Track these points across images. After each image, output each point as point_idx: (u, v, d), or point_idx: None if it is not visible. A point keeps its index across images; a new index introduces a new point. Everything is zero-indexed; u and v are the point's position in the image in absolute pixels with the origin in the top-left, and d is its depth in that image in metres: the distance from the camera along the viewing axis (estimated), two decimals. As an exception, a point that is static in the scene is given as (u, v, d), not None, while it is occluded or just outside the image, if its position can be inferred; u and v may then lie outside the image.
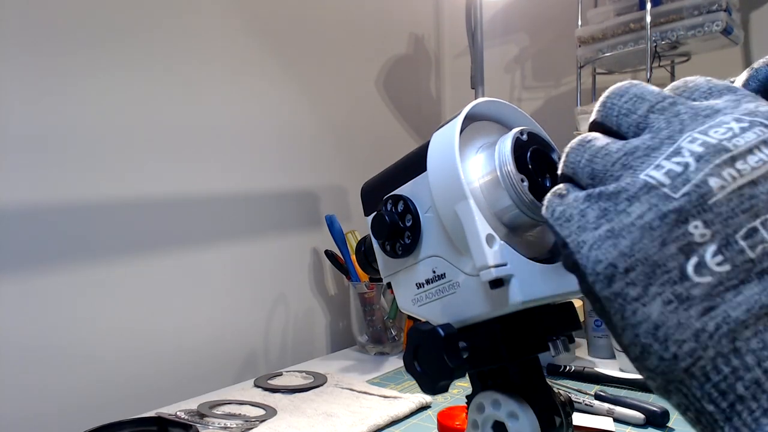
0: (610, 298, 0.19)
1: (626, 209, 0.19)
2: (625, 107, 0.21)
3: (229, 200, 0.84)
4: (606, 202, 0.19)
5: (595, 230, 0.19)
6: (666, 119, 0.20)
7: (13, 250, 0.62)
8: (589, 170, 0.21)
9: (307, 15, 0.97)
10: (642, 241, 0.18)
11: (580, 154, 0.21)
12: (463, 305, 0.28)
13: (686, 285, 0.17)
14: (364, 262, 0.37)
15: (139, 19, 0.73)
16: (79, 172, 0.68)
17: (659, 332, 0.18)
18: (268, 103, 0.91)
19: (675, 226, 0.17)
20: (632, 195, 0.19)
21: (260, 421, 0.61)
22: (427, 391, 0.28)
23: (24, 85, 0.63)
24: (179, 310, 0.78)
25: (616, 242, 0.18)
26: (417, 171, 0.30)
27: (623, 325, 0.18)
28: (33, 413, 0.63)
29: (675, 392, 0.18)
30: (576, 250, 0.20)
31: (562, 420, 0.29)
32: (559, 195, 0.21)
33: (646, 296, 0.18)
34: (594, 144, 0.21)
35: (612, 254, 0.18)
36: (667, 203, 0.18)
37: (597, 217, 0.19)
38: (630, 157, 0.20)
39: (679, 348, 0.17)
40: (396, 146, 1.16)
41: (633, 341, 0.18)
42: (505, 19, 1.18)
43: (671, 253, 0.17)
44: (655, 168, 0.18)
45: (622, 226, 0.18)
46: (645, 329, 0.18)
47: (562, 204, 0.21)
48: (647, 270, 0.18)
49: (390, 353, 0.91)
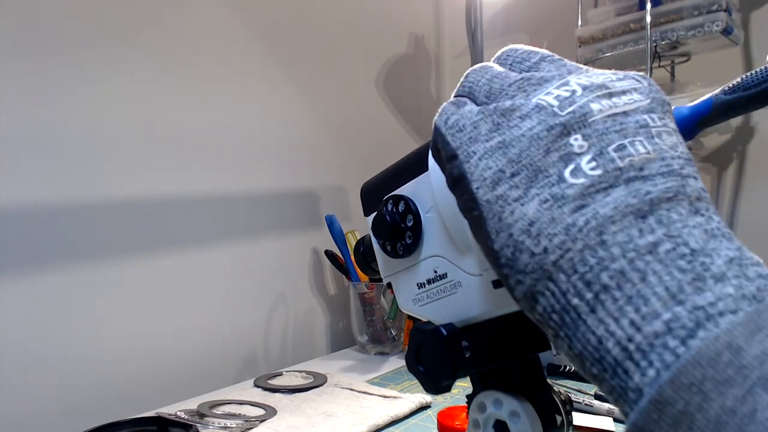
0: (492, 201, 0.20)
1: (518, 124, 0.20)
2: (520, 57, 0.24)
3: (229, 200, 0.84)
4: (500, 118, 0.21)
5: (487, 142, 0.21)
6: (556, 66, 0.22)
7: (13, 250, 0.62)
8: (487, 88, 0.23)
9: (307, 15, 0.97)
10: (529, 149, 0.20)
11: (480, 75, 0.23)
12: (465, 305, 0.28)
13: (562, 186, 0.19)
14: (363, 262, 0.37)
15: (139, 20, 0.73)
16: (79, 173, 0.68)
17: (533, 227, 0.19)
18: (267, 103, 0.91)
19: (559, 137, 0.19)
20: (525, 114, 0.20)
21: (260, 421, 0.61)
22: (430, 391, 0.28)
23: (24, 86, 0.63)
24: (179, 309, 0.78)
25: (506, 151, 0.20)
26: (418, 171, 0.30)
27: (499, 227, 0.20)
28: (33, 413, 0.63)
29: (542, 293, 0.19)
30: (465, 160, 0.21)
31: (563, 418, 0.29)
32: (456, 104, 0.23)
33: (526, 197, 0.19)
34: (495, 69, 0.23)
35: (501, 161, 0.20)
36: (554, 118, 0.20)
37: (489, 130, 0.21)
38: (526, 82, 0.22)
39: (549, 241, 0.18)
40: (396, 146, 1.16)
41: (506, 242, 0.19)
42: (505, 19, 1.18)
43: (553, 160, 0.19)
44: (546, 94, 0.21)
45: (513, 137, 0.20)
46: (520, 227, 0.19)
47: (456, 113, 0.22)
48: (530, 174, 0.19)
49: (390, 353, 0.91)
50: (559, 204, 0.19)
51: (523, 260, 0.19)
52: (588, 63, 0.91)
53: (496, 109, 0.21)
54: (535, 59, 0.23)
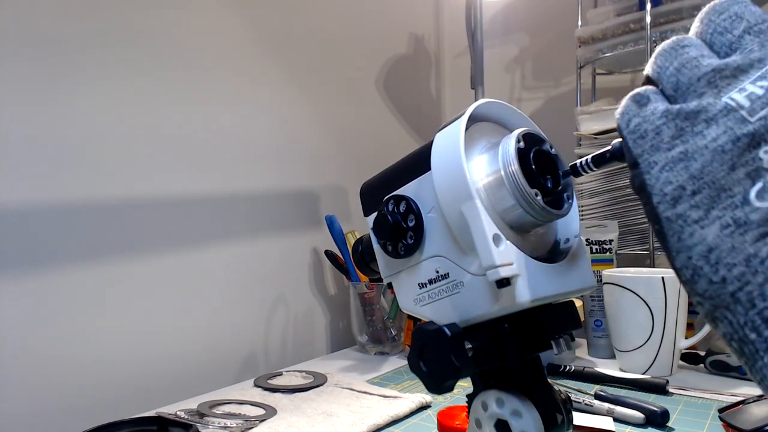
0: (672, 219, 0.19)
1: (703, 131, 0.19)
2: (722, 25, 0.21)
3: (229, 200, 0.84)
4: (684, 122, 0.19)
5: (669, 151, 0.19)
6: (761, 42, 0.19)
7: (13, 250, 0.62)
8: (675, 80, 0.21)
9: (308, 16, 0.97)
10: (712, 164, 0.18)
11: (669, 60, 0.21)
12: (467, 305, 0.28)
13: (746, 210, 0.17)
14: (362, 262, 0.37)
15: (142, 22, 0.73)
16: (79, 173, 0.68)
17: (712, 255, 0.18)
18: (267, 103, 0.91)
19: (746, 150, 0.18)
20: (711, 117, 0.19)
21: (260, 421, 0.61)
22: (433, 391, 0.28)
23: (25, 86, 0.63)
24: (179, 309, 0.78)
25: (688, 165, 0.19)
26: (419, 171, 0.30)
27: (679, 247, 0.19)
28: (32, 413, 0.63)
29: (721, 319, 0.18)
30: (646, 171, 0.20)
31: (564, 417, 0.30)
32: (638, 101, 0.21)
33: (707, 219, 0.18)
34: (686, 52, 0.21)
35: (683, 176, 0.19)
36: (742, 126, 0.18)
37: (672, 137, 0.19)
38: (717, 74, 0.19)
39: (728, 271, 0.17)
40: (396, 146, 1.16)
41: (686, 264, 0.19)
42: (505, 19, 1.18)
43: (738, 177, 0.18)
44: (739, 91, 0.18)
45: (696, 149, 0.19)
46: (699, 251, 0.18)
47: (638, 116, 0.21)
48: (713, 194, 0.18)
49: (390, 353, 0.91)
50: (741, 231, 0.17)
51: (702, 286, 0.18)
52: (588, 63, 0.91)
53: (680, 112, 0.20)
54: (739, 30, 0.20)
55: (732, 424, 0.48)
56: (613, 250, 0.86)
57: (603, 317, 0.81)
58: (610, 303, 0.75)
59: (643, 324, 0.71)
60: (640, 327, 0.71)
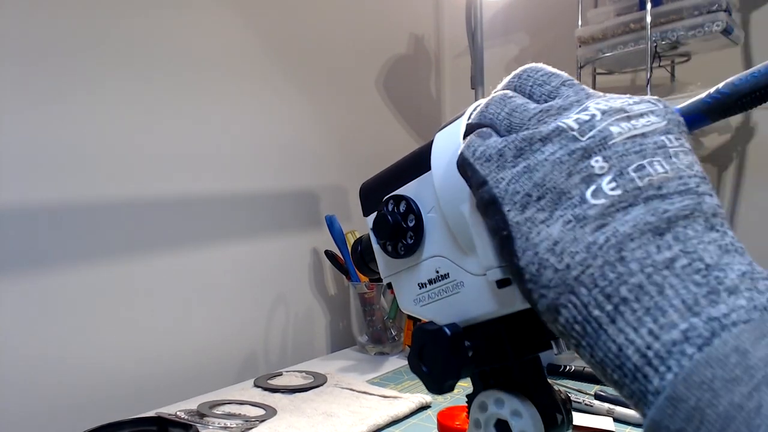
0: (521, 223, 0.21)
1: (540, 148, 0.21)
2: (541, 79, 0.24)
3: (229, 200, 0.84)
4: (522, 143, 0.22)
5: (513, 168, 0.22)
6: (575, 91, 0.23)
7: (13, 249, 0.62)
8: (508, 122, 0.23)
9: (307, 15, 0.97)
10: (552, 173, 0.21)
11: (500, 107, 0.24)
12: (467, 305, 0.28)
13: (584, 207, 0.20)
14: (361, 262, 0.36)
15: (143, 26, 0.73)
16: (79, 172, 0.68)
17: (557, 247, 0.20)
18: (267, 103, 0.90)
19: (580, 160, 0.20)
20: (545, 136, 0.21)
21: (260, 421, 0.61)
22: (433, 391, 0.28)
23: (25, 86, 0.63)
24: (179, 309, 0.77)
25: (531, 175, 0.21)
26: (419, 171, 0.30)
27: (526, 246, 0.21)
28: (33, 413, 0.63)
29: (564, 305, 0.20)
30: (495, 186, 0.22)
31: (564, 417, 0.30)
32: (481, 136, 0.24)
33: (551, 219, 0.20)
34: (514, 101, 0.24)
35: (528, 185, 0.21)
36: (575, 143, 0.21)
37: (514, 156, 0.22)
38: (545, 114, 0.22)
39: (572, 258, 0.20)
40: (396, 146, 1.16)
41: (531, 260, 0.21)
42: (505, 19, 1.18)
43: (575, 182, 0.20)
44: (567, 118, 0.21)
45: (537, 162, 0.21)
46: (545, 246, 0.20)
47: (483, 145, 0.23)
48: (555, 197, 0.21)
49: (390, 353, 0.91)
50: (582, 224, 0.20)
51: (547, 276, 0.20)
52: (588, 63, 0.91)
53: (517, 137, 0.22)
54: (555, 83, 0.24)
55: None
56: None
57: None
58: (610, 303, 0.75)
59: (643, 324, 0.70)
60: (640, 327, 0.71)
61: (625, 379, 0.18)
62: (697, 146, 0.85)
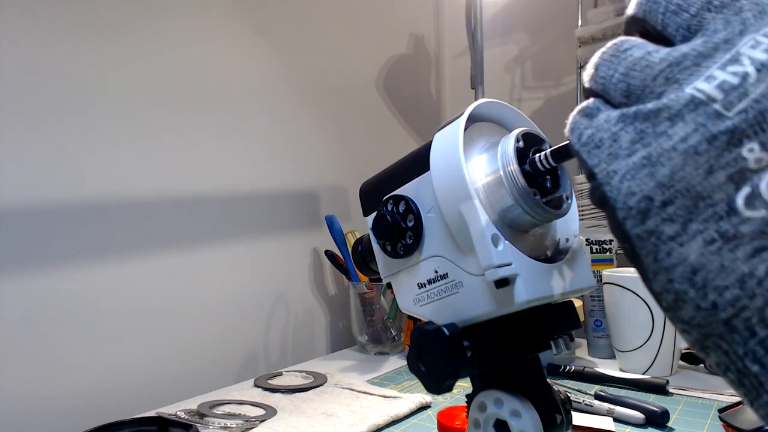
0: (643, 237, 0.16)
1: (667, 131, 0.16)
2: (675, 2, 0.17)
3: (229, 200, 0.84)
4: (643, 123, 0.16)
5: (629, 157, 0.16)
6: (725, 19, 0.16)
7: (13, 250, 0.62)
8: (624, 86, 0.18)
9: (308, 14, 0.97)
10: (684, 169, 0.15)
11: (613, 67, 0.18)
12: (466, 305, 0.28)
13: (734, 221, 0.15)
14: (361, 262, 0.37)
15: (142, 25, 0.73)
16: (79, 172, 0.68)
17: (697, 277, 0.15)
18: (267, 103, 0.91)
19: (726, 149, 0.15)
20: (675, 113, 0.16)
21: (260, 421, 0.61)
22: (432, 391, 0.28)
23: (25, 86, 0.63)
24: (179, 309, 0.78)
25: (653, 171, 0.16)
26: (419, 171, 0.30)
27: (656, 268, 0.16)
28: (33, 413, 0.63)
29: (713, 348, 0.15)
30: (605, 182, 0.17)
31: (563, 417, 0.30)
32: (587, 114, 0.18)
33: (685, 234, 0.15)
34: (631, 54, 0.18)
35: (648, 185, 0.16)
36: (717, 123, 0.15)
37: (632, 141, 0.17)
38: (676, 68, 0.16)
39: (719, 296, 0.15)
40: (396, 146, 1.16)
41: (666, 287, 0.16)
42: (505, 19, 1.18)
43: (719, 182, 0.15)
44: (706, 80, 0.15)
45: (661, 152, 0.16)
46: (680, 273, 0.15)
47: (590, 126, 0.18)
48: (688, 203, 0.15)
49: (390, 353, 0.91)
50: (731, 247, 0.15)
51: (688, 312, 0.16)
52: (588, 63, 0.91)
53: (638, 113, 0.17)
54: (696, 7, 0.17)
55: (732, 424, 0.48)
56: (613, 250, 0.85)
57: (603, 317, 0.81)
58: (610, 303, 0.75)
59: (643, 324, 0.71)
60: (640, 327, 0.71)
61: None
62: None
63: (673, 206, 0.15)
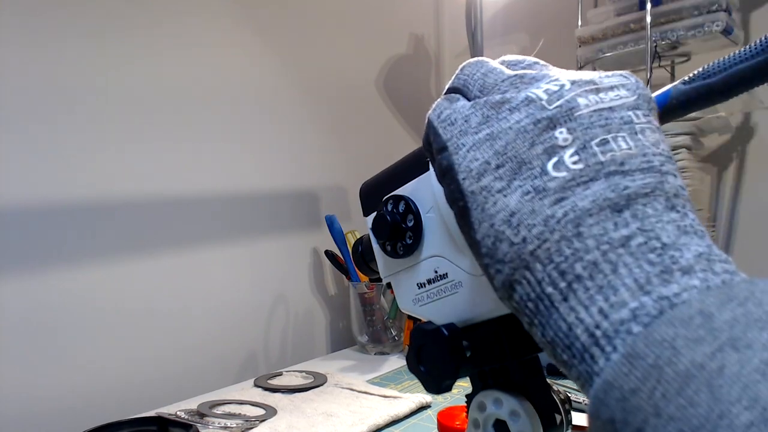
0: (476, 192, 0.21)
1: (507, 116, 0.21)
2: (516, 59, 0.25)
3: (229, 200, 0.84)
4: (490, 110, 0.21)
5: (476, 134, 0.21)
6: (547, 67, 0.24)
7: (13, 248, 0.62)
8: (481, 83, 0.23)
9: (308, 14, 0.97)
10: (515, 142, 0.20)
11: (476, 69, 0.24)
12: (466, 305, 0.28)
13: (544, 179, 0.19)
14: (361, 262, 0.37)
15: (141, 20, 0.73)
16: (79, 172, 0.68)
17: (513, 218, 0.19)
18: (267, 102, 0.91)
19: (545, 131, 0.20)
20: (514, 106, 0.21)
21: (260, 421, 0.61)
22: (432, 391, 0.28)
23: (25, 85, 0.63)
24: (179, 309, 0.78)
25: (493, 143, 0.21)
26: (419, 171, 0.30)
27: (482, 217, 0.20)
28: (33, 413, 0.63)
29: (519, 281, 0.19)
30: (454, 152, 0.22)
31: (563, 418, 0.30)
32: (450, 100, 0.23)
33: (509, 189, 0.20)
34: (490, 64, 0.24)
35: (488, 153, 0.21)
36: (541, 112, 0.20)
37: (479, 123, 0.21)
38: (518, 79, 0.22)
39: (528, 232, 0.19)
40: (396, 146, 1.16)
41: (487, 232, 0.20)
42: (505, 19, 1.18)
43: (537, 153, 0.20)
44: (536, 88, 0.21)
45: (501, 130, 0.21)
46: (501, 217, 0.20)
47: (449, 108, 0.23)
48: (514, 166, 0.20)
49: (390, 353, 0.91)
50: (541, 196, 0.19)
51: (503, 250, 0.20)
52: (588, 63, 0.91)
53: (486, 102, 0.22)
54: (530, 61, 0.24)
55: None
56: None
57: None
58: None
59: (643, 324, 0.70)
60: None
61: (573, 360, 0.18)
62: (697, 146, 0.85)
63: (503, 168, 0.20)
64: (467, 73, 0.24)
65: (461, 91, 0.24)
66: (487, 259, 0.20)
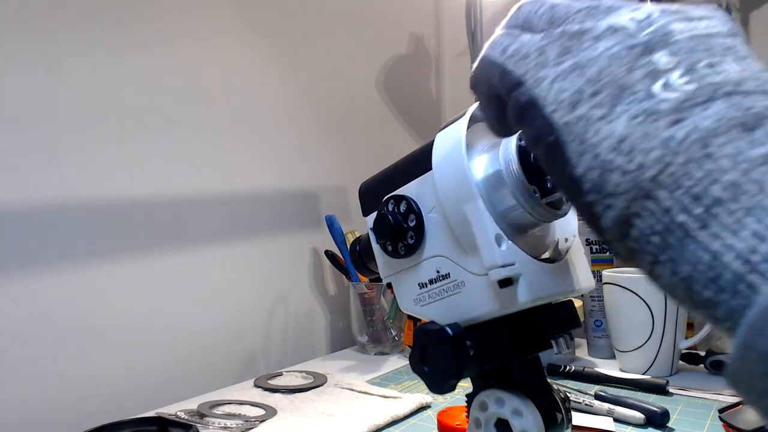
0: (572, 122, 0.18)
1: (592, 45, 0.19)
2: None
3: (229, 200, 0.84)
4: (570, 41, 0.19)
5: (558, 66, 0.19)
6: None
7: (13, 248, 0.62)
8: (549, 16, 0.20)
9: (307, 14, 0.97)
10: (609, 68, 0.18)
11: (538, 5, 0.21)
12: (468, 305, 0.28)
13: (654, 101, 0.17)
14: (359, 262, 0.36)
15: (144, 28, 0.73)
16: (79, 172, 0.68)
17: (624, 144, 0.17)
18: (267, 102, 0.90)
19: (641, 56, 0.18)
20: (597, 35, 0.19)
21: (260, 421, 0.61)
22: (435, 391, 0.28)
23: (24, 85, 0.63)
24: (179, 310, 0.77)
25: (582, 71, 0.19)
26: (420, 171, 0.30)
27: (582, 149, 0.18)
28: (33, 413, 0.63)
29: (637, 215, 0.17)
30: (535, 85, 0.19)
31: (563, 416, 0.30)
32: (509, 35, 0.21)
33: (612, 114, 0.18)
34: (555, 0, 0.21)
35: (579, 82, 0.19)
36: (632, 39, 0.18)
37: (558, 54, 0.19)
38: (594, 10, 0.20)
39: (645, 156, 0.17)
40: (396, 146, 1.16)
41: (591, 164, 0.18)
42: (504, 19, 1.18)
43: (638, 77, 0.18)
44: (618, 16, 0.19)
45: (589, 58, 0.19)
46: (608, 145, 0.18)
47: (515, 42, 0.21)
48: (614, 92, 0.18)
49: (390, 353, 0.91)
50: (653, 118, 0.17)
51: (614, 180, 0.17)
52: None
53: (564, 32, 0.20)
54: None
55: (732, 424, 0.48)
56: (613, 250, 0.85)
57: (603, 317, 0.81)
58: (610, 303, 0.75)
59: (643, 324, 0.71)
60: (640, 327, 0.71)
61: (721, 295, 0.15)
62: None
63: (601, 95, 0.18)
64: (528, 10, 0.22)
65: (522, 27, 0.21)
66: (593, 195, 0.18)
